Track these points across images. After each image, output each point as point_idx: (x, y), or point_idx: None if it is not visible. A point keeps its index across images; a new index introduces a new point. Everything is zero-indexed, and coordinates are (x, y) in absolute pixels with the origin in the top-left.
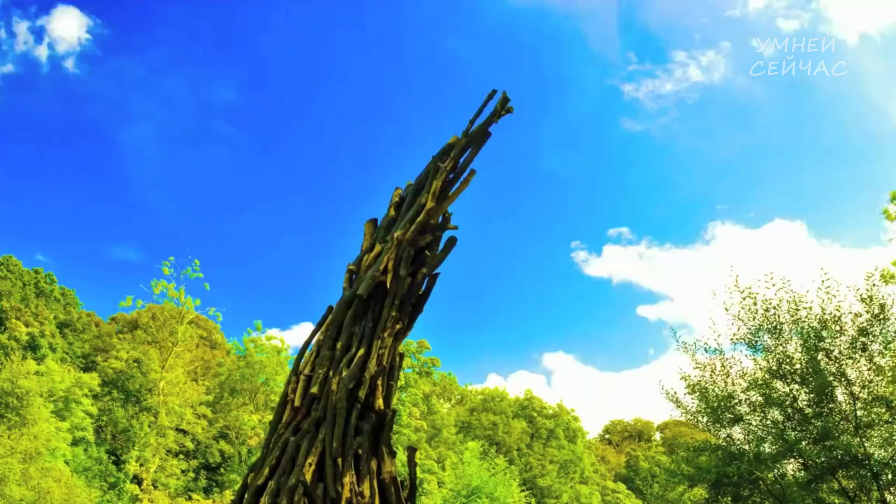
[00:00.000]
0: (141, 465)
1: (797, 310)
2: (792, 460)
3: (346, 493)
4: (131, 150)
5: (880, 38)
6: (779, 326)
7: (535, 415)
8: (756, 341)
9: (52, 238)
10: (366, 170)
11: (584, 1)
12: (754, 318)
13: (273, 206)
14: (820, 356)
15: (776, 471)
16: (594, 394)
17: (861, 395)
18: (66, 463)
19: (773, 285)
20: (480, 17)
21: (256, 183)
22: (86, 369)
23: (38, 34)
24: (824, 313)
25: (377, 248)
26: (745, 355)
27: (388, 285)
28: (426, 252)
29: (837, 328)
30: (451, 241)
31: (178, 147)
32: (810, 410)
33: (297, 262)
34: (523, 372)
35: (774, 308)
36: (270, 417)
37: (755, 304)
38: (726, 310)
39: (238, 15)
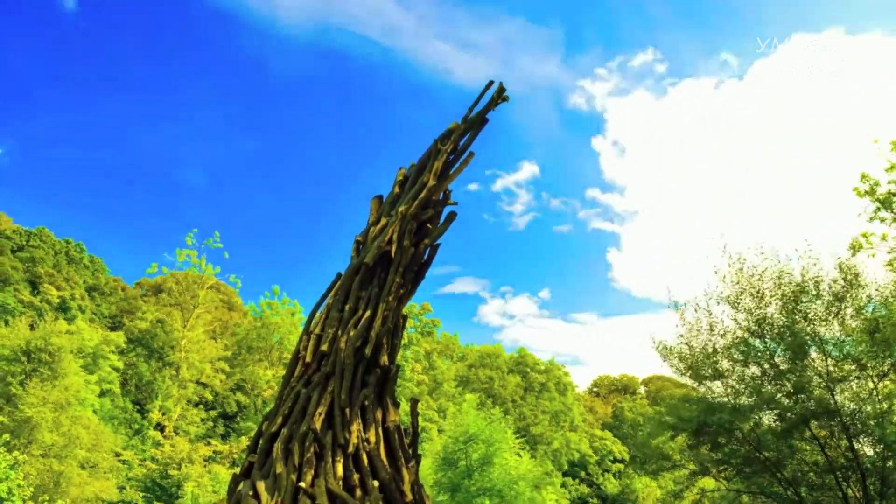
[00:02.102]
0: (163, 414)
1: (780, 277)
2: (768, 412)
3: (353, 440)
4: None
5: None
6: (761, 291)
7: (529, 370)
8: (738, 303)
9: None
10: (359, 170)
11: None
12: (739, 282)
13: (289, 196)
14: (797, 317)
15: (752, 421)
16: None
17: (833, 353)
18: (94, 412)
19: (763, 254)
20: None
21: (276, 178)
22: (112, 328)
23: None
24: (804, 279)
25: (383, 221)
26: (727, 316)
27: (393, 254)
28: (428, 225)
29: (815, 293)
30: (451, 216)
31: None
32: (786, 367)
33: (309, 240)
34: None
35: (759, 275)
36: (283, 372)
37: (742, 269)
38: (715, 272)
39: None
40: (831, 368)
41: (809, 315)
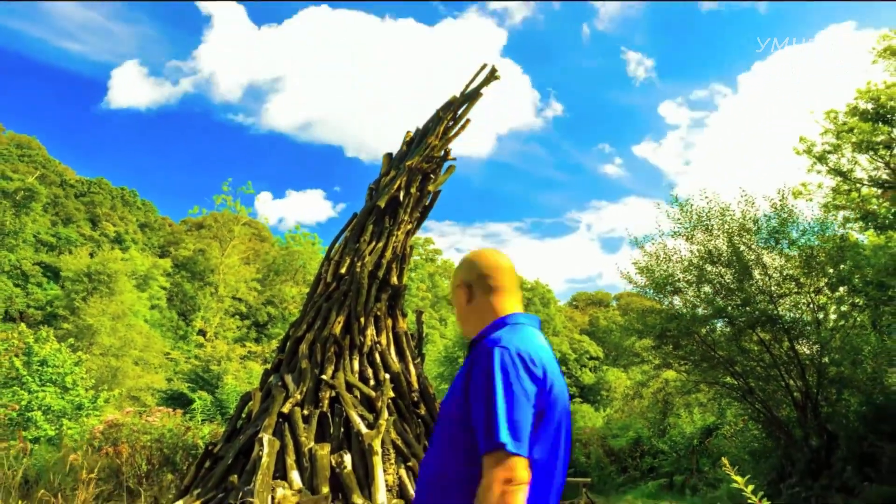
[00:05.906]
0: (205, 322)
1: (723, 214)
2: (720, 320)
3: (367, 342)
4: None
5: None
6: (710, 227)
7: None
8: (692, 237)
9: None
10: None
11: None
12: (690, 220)
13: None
14: (742, 247)
15: (707, 327)
16: None
17: (774, 275)
18: (146, 321)
19: (706, 198)
20: None
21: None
22: (160, 256)
23: None
24: (745, 218)
25: (392, 172)
26: (684, 248)
27: (402, 199)
28: (431, 176)
29: (755, 228)
30: (450, 169)
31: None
32: (734, 286)
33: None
34: None
35: (707, 214)
36: (307, 290)
37: (690, 211)
38: (668, 215)
39: None
40: (773, 288)
41: (752, 246)
